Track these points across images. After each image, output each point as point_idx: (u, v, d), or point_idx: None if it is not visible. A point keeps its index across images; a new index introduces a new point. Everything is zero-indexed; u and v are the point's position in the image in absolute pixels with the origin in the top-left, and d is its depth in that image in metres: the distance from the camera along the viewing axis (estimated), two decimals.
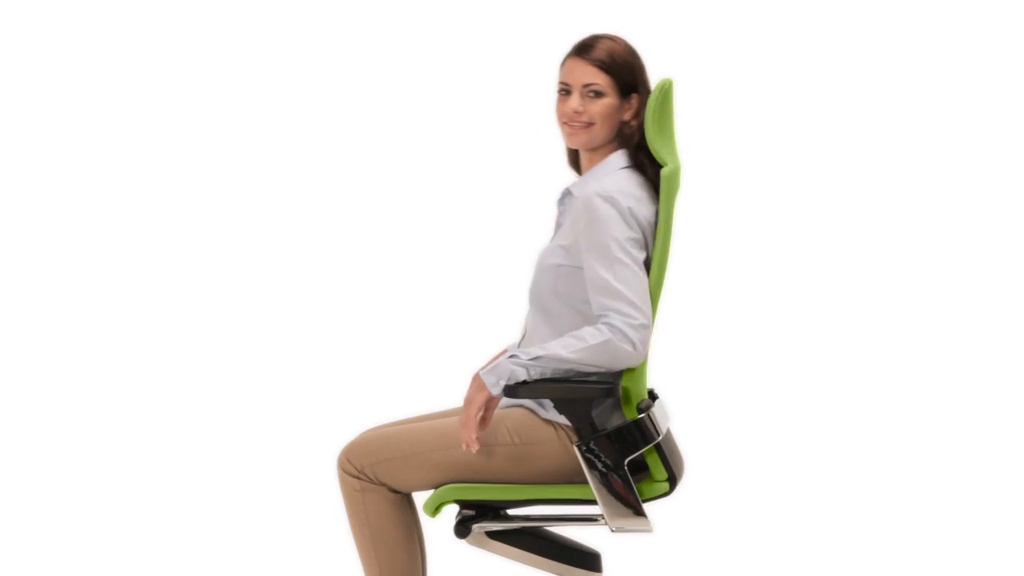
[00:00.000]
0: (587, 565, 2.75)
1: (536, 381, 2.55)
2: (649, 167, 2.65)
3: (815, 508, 4.16)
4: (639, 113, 2.67)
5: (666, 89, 2.64)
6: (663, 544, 3.33)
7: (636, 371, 2.59)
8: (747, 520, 4.09)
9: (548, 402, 2.63)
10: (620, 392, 2.58)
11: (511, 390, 2.56)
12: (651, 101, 2.62)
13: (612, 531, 2.62)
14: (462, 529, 2.67)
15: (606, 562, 2.80)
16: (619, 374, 2.60)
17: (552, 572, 2.73)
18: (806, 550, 3.85)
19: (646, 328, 2.53)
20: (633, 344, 2.51)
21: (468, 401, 2.57)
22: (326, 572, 3.76)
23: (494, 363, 2.57)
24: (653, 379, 2.73)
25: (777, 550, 3.86)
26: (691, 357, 4.66)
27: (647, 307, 2.53)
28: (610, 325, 2.51)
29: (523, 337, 2.75)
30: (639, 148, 2.66)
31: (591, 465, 2.56)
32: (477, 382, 2.57)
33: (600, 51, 2.65)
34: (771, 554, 3.84)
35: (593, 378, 2.58)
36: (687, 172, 2.77)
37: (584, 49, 2.67)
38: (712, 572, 3.75)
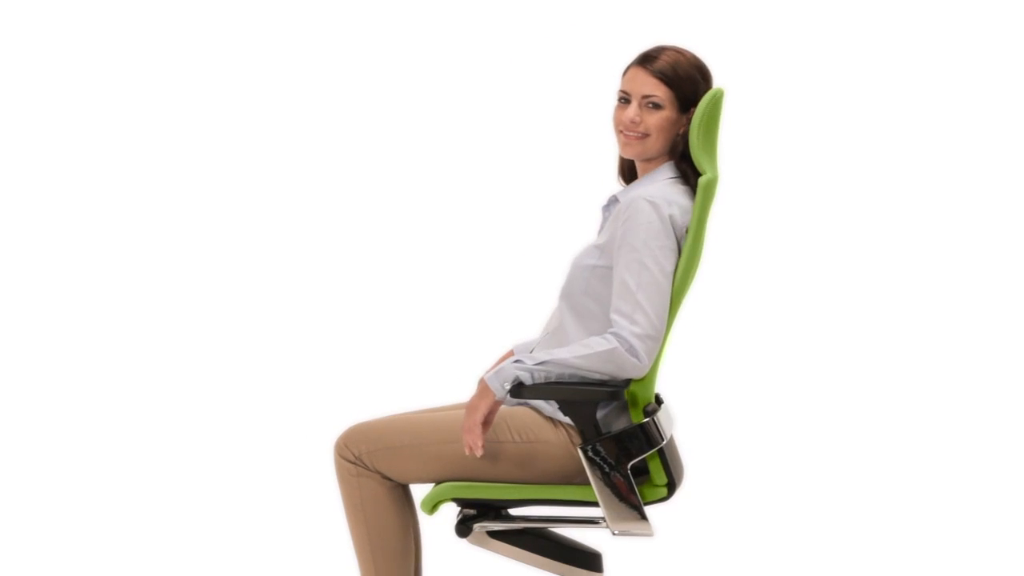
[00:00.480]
0: (588, 565, 2.74)
1: (541, 383, 2.53)
2: (692, 176, 2.62)
3: (815, 510, 4.16)
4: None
5: (717, 99, 2.60)
6: (663, 544, 3.32)
7: (645, 376, 2.58)
8: (747, 521, 4.09)
9: (553, 402, 2.62)
10: (626, 396, 2.57)
11: (516, 390, 2.54)
12: (700, 109, 2.58)
13: (614, 534, 2.61)
14: (463, 528, 2.67)
15: (607, 562, 2.79)
16: (626, 379, 2.58)
17: (553, 572, 2.72)
18: (806, 553, 3.84)
19: (653, 340, 2.51)
20: (638, 356, 2.50)
21: (472, 407, 2.55)
22: (323, 559, 3.76)
23: (498, 367, 2.56)
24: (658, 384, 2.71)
25: (777, 552, 3.85)
26: (692, 362, 4.64)
27: (660, 320, 2.52)
28: (617, 335, 2.50)
29: (545, 335, 2.72)
30: (683, 158, 2.63)
31: (594, 467, 2.55)
32: (481, 387, 2.55)
33: (663, 63, 2.61)
34: (771, 555, 3.83)
35: (598, 380, 2.56)
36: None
37: (648, 59, 2.63)
38: (712, 572, 3.74)
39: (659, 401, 2.73)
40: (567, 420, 2.60)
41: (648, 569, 3.69)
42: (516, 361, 2.53)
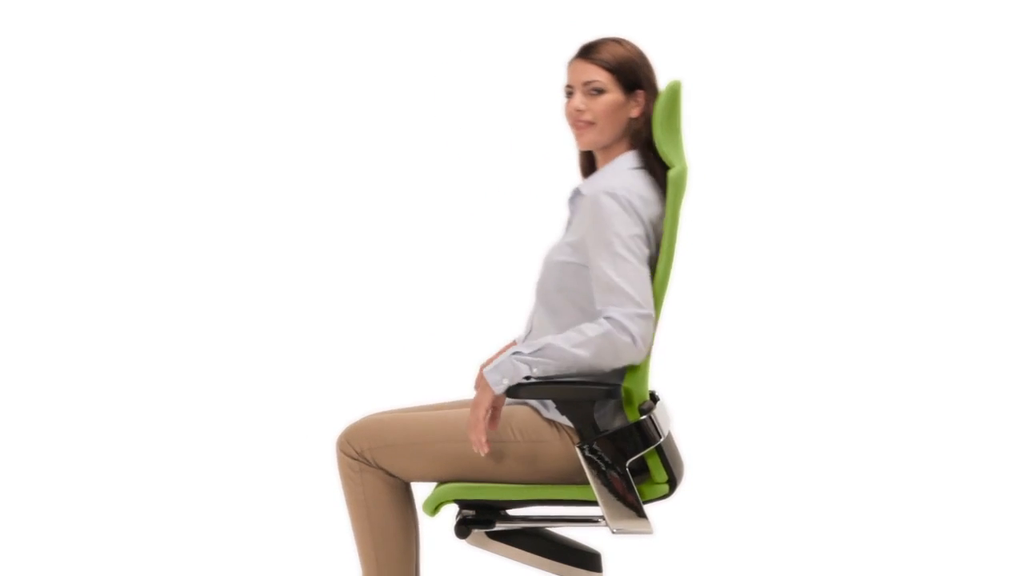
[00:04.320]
0: (587, 565, 2.75)
1: (538, 382, 2.54)
2: (658, 168, 2.64)
3: (814, 509, 4.16)
4: (646, 110, 2.65)
5: (675, 90, 2.63)
6: (663, 544, 3.33)
7: (638, 372, 2.58)
8: (747, 521, 4.10)
9: (551, 402, 2.63)
10: (622, 394, 2.58)
11: (513, 390, 2.55)
12: (659, 102, 2.62)
13: (613, 533, 2.61)
14: (463, 529, 2.67)
15: (606, 562, 2.80)
16: (621, 375, 2.59)
17: (552, 572, 2.73)
18: (805, 551, 3.85)
19: (645, 320, 2.50)
20: (632, 337, 2.49)
21: (476, 403, 2.56)
22: (324, 554, 3.77)
23: (496, 361, 2.57)
24: (654, 381, 2.72)
25: (776, 551, 3.86)
26: (691, 358, 4.66)
27: (648, 302, 2.52)
28: (609, 318, 2.50)
29: (528, 333, 2.74)
30: (648, 146, 2.65)
31: (593, 466, 2.56)
32: (482, 382, 2.56)
33: (601, 50, 2.66)
34: (771, 555, 3.84)
35: (595, 379, 2.57)
36: (694, 173, 2.77)
37: (586, 50, 2.68)
38: (712, 572, 3.74)
39: (655, 399, 2.74)
40: (566, 422, 2.61)
41: (648, 569, 3.70)
42: (514, 353, 2.54)
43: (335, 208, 5.39)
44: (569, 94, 2.69)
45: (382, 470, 2.69)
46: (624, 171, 2.63)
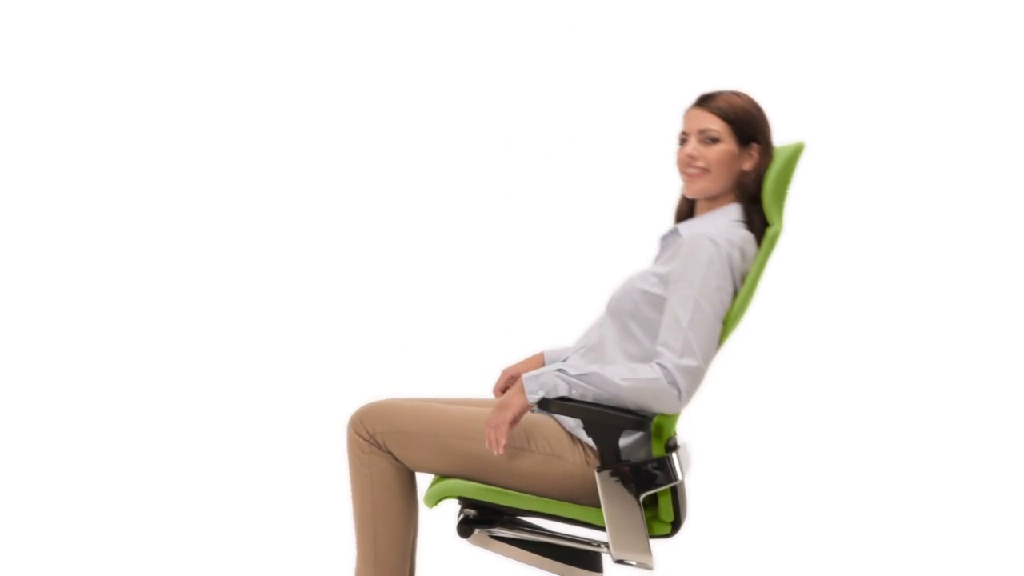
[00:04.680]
0: (587, 565, 2.75)
1: (571, 401, 2.55)
2: (758, 225, 2.65)
3: (814, 509, 4.18)
4: (759, 164, 2.66)
5: (797, 151, 2.64)
6: (663, 544, 3.33)
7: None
8: (746, 521, 4.10)
9: (578, 420, 2.63)
10: (651, 427, 2.58)
11: (544, 403, 2.55)
12: (777, 160, 2.63)
13: (614, 560, 2.62)
14: (466, 528, 2.67)
15: (606, 562, 2.78)
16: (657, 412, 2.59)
17: (552, 572, 2.72)
18: (806, 550, 3.86)
19: (695, 378, 2.51)
20: (679, 391, 2.50)
21: (504, 405, 2.56)
22: (320, 539, 3.81)
23: (539, 372, 2.57)
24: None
25: (776, 551, 3.87)
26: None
27: (705, 358, 2.52)
28: (663, 367, 2.50)
29: (583, 347, 2.72)
30: (753, 201, 2.66)
31: (608, 492, 2.56)
32: (518, 386, 2.56)
33: (720, 100, 2.66)
34: (771, 556, 3.85)
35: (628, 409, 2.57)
36: None
37: (705, 99, 2.68)
38: (712, 572, 3.74)
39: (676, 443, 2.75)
40: (587, 440, 2.62)
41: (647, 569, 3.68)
42: (559, 370, 2.55)
43: (337, 208, 5.39)
44: (683, 141, 2.69)
45: (391, 455, 2.68)
46: (728, 223, 2.64)
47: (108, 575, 3.68)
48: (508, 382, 2.90)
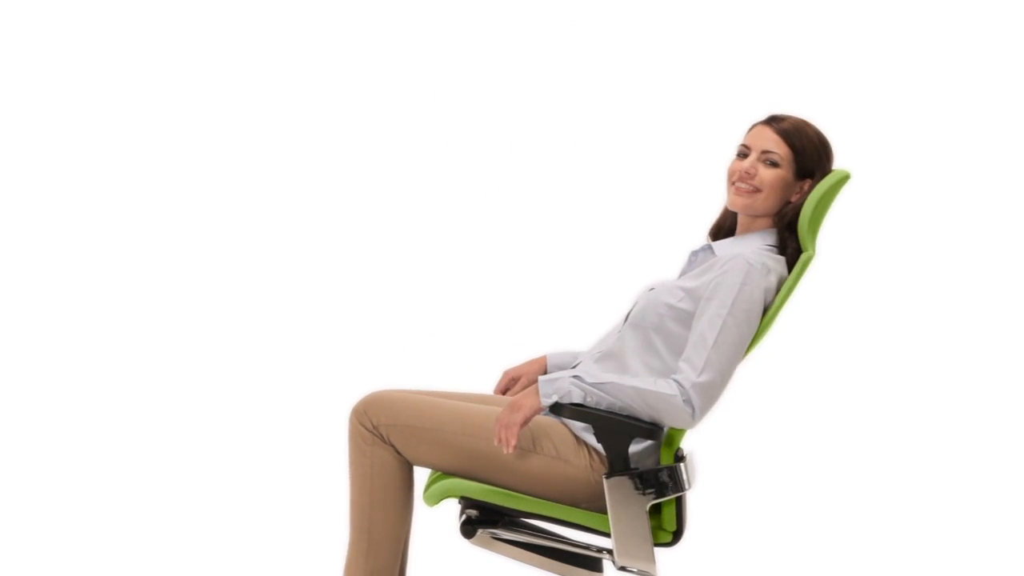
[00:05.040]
0: (588, 565, 2.73)
1: (583, 407, 2.53)
2: (791, 251, 2.64)
3: (813, 519, 4.18)
4: (805, 197, 2.65)
5: (841, 180, 2.62)
6: (661, 552, 3.33)
7: None
8: (747, 521, 4.11)
9: (585, 425, 2.61)
10: (663, 436, 2.58)
11: (556, 407, 2.54)
12: (821, 185, 2.61)
13: (617, 567, 2.61)
14: (469, 529, 2.65)
15: (606, 562, 2.75)
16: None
17: (553, 572, 2.71)
18: (806, 560, 3.87)
19: (711, 398, 2.51)
20: (694, 409, 2.50)
21: (517, 405, 2.55)
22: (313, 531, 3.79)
23: (554, 376, 2.55)
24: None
25: (776, 561, 3.87)
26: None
27: (724, 377, 2.52)
28: (679, 384, 2.50)
29: (597, 353, 2.70)
30: (789, 228, 2.65)
31: (616, 499, 2.55)
32: (532, 388, 2.55)
33: (789, 124, 2.65)
34: (770, 566, 3.85)
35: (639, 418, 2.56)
36: None
37: (774, 119, 2.68)
38: (712, 571, 3.74)
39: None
40: (594, 444, 2.60)
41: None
42: (575, 376, 2.53)
43: (345, 201, 5.37)
44: (743, 155, 2.67)
45: (393, 447, 2.66)
46: (765, 248, 2.63)
47: (103, 560, 3.68)
48: (509, 383, 2.89)
